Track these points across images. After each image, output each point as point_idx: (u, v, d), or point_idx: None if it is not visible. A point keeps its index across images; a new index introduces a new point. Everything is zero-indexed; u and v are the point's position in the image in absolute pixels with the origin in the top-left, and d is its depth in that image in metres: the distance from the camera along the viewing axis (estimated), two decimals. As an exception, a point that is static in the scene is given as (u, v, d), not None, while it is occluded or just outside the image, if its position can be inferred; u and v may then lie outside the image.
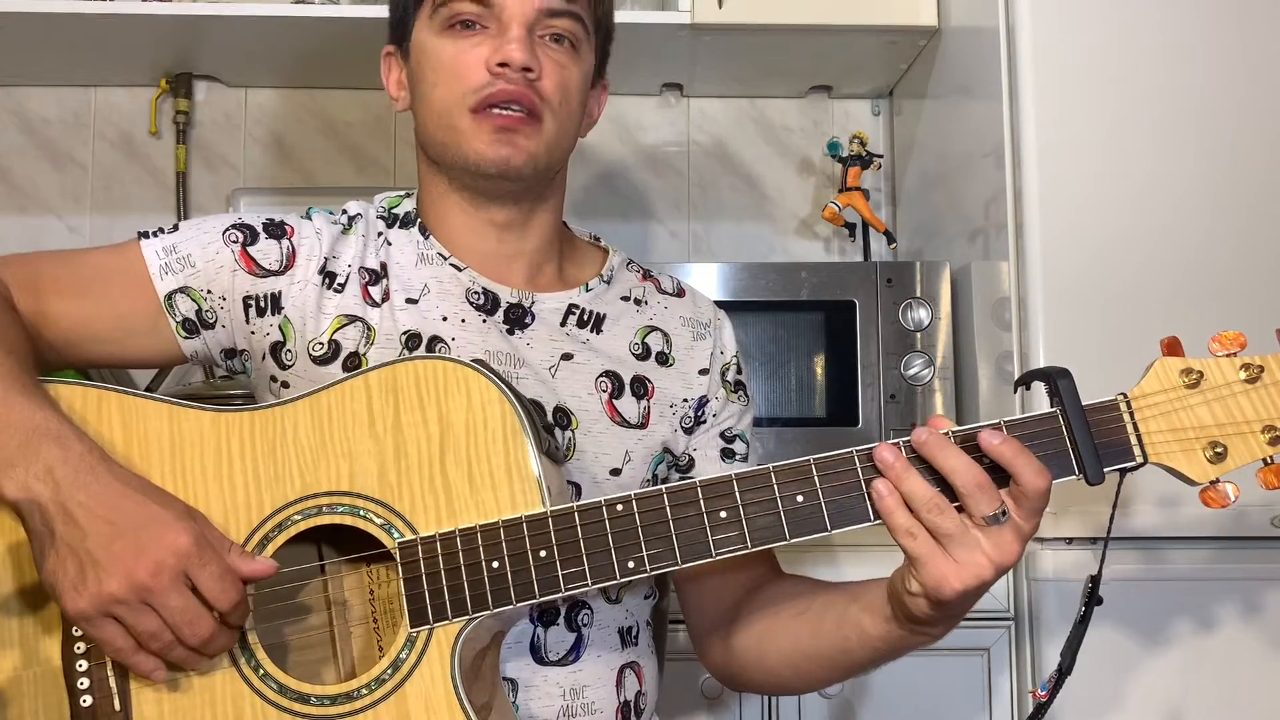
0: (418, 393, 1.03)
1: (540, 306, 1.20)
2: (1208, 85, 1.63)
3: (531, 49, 1.14)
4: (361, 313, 1.17)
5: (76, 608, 0.93)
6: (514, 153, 1.14)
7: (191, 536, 0.95)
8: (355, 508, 1.02)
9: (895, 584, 1.01)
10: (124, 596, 0.93)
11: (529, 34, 1.14)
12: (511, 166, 1.14)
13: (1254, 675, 1.56)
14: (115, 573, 0.92)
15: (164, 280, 1.15)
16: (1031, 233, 1.62)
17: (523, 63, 1.12)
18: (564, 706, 1.13)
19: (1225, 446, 0.96)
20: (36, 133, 2.24)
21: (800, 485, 0.99)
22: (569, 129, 1.18)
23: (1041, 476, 0.94)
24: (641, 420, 1.20)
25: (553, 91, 1.15)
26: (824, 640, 1.10)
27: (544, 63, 1.14)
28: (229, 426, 1.04)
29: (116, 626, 0.94)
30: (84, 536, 0.93)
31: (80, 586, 0.93)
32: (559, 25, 1.16)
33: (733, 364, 1.29)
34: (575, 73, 1.17)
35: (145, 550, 0.93)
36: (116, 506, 0.94)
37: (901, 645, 1.05)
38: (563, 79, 1.16)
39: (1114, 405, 0.98)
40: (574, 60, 1.17)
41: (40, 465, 0.94)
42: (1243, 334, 0.98)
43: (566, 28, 1.16)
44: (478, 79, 1.13)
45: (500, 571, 0.99)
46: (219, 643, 0.97)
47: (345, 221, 1.22)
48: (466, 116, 1.14)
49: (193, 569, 0.94)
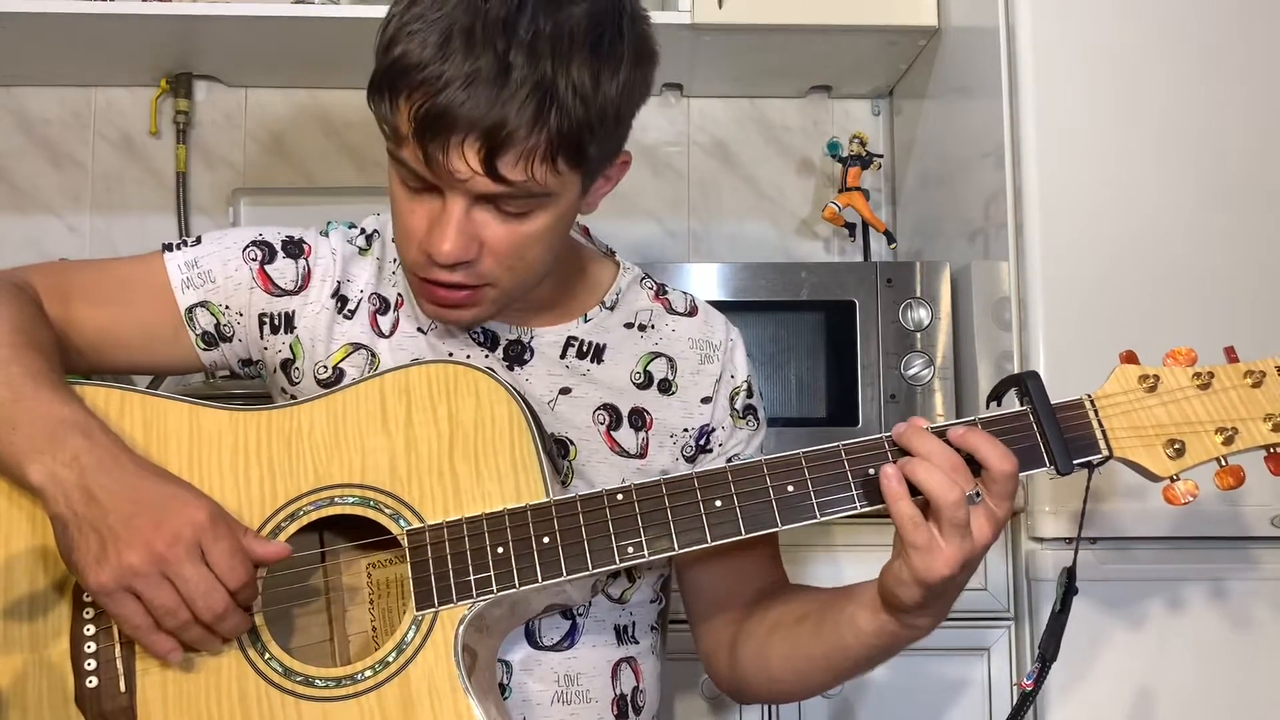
0: (429, 393, 1.07)
1: (539, 341, 1.21)
2: (1207, 85, 1.63)
3: (467, 235, 1.04)
4: (369, 341, 1.18)
5: (98, 581, 0.96)
6: (457, 320, 1.13)
7: (207, 512, 0.98)
8: (366, 498, 1.05)
9: (886, 578, 1.04)
10: (142, 568, 0.96)
11: (466, 214, 1.04)
12: (461, 327, 1.16)
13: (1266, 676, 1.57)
14: (134, 544, 0.96)
15: (185, 294, 1.18)
16: (1031, 233, 1.62)
17: (451, 259, 1.04)
18: (558, 692, 1.14)
19: (1183, 443, 1.03)
20: (36, 133, 2.25)
21: (790, 476, 1.04)
22: (532, 273, 1.11)
23: (1007, 461, 0.99)
24: (640, 451, 1.21)
25: (497, 264, 1.07)
26: (823, 641, 1.12)
27: (488, 238, 1.05)
28: (246, 424, 1.08)
29: (135, 603, 0.97)
30: (106, 514, 0.97)
31: (102, 560, 0.96)
32: (504, 205, 1.04)
33: (743, 388, 1.26)
34: (533, 228, 1.06)
35: (163, 523, 0.97)
36: (137, 487, 0.98)
37: (893, 640, 1.08)
38: (515, 244, 1.06)
39: (1080, 404, 1.05)
40: (530, 220, 1.06)
41: (67, 453, 0.98)
42: (1194, 350, 1.07)
43: (513, 205, 1.04)
44: (418, 256, 1.07)
45: (504, 556, 1.02)
46: (231, 622, 0.99)
47: (363, 242, 1.23)
48: (414, 276, 1.10)
49: (206, 543, 0.97)
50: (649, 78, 1.10)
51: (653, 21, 1.12)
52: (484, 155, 1.00)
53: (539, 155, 1.01)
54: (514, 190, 1.02)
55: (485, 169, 1.00)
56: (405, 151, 1.03)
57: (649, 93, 1.11)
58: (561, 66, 1.00)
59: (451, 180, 1.02)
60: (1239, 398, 1.04)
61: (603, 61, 1.02)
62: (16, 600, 1.04)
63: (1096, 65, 1.64)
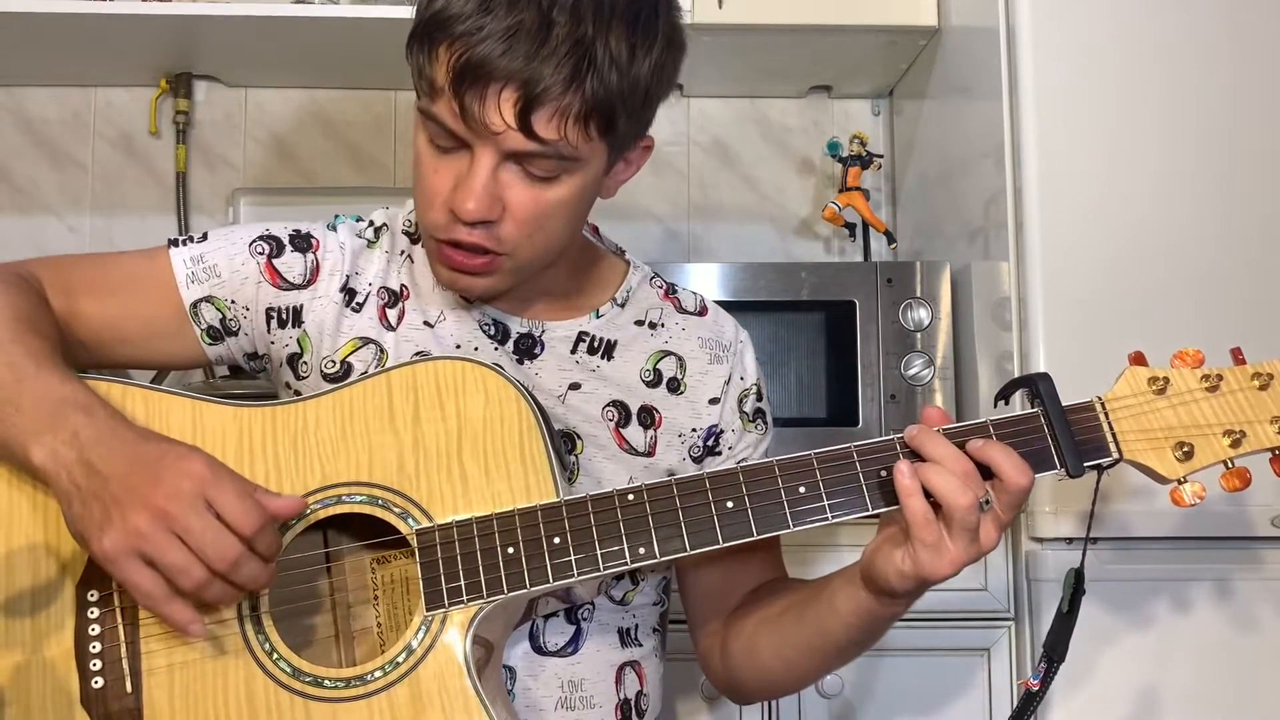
0: (437, 390, 1.06)
1: (550, 336, 1.21)
2: (1208, 84, 1.63)
3: (491, 194, 1.05)
4: (377, 335, 1.18)
5: (104, 549, 0.94)
6: (471, 287, 1.13)
7: (204, 461, 0.96)
8: (374, 497, 1.04)
9: (881, 563, 1.03)
10: (146, 528, 0.93)
11: (493, 173, 1.05)
12: (472, 296, 1.16)
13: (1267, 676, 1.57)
14: (136, 505, 0.94)
15: (190, 289, 1.17)
16: (1031, 233, 1.62)
17: (475, 216, 1.05)
18: (562, 698, 1.14)
19: (1192, 446, 1.04)
20: (36, 133, 2.24)
21: (802, 478, 1.03)
22: (549, 248, 1.12)
23: (1024, 475, 1.00)
24: (648, 449, 1.21)
25: (517, 230, 1.08)
26: (806, 626, 1.13)
27: (512, 201, 1.06)
28: (251, 420, 1.07)
29: (146, 569, 0.94)
30: (106, 482, 0.95)
31: (106, 526, 0.94)
32: (533, 164, 1.05)
33: (752, 391, 1.27)
34: (557, 196, 1.08)
35: (161, 479, 0.95)
36: (135, 452, 0.97)
37: (871, 618, 1.08)
38: (538, 210, 1.07)
39: (1090, 406, 1.05)
40: (556, 184, 1.07)
41: (67, 431, 0.97)
42: (1201, 351, 1.07)
43: (541, 167, 1.05)
44: (439, 216, 1.08)
45: (515, 556, 1.01)
46: (248, 569, 0.95)
47: (371, 235, 1.23)
48: (431, 240, 1.12)
49: (210, 491, 0.95)
50: (678, 65, 1.12)
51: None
52: (520, 109, 1.01)
53: (573, 116, 1.02)
54: (545, 150, 1.04)
55: (520, 123, 1.01)
56: (439, 105, 1.04)
57: (675, 80, 1.13)
58: (601, 33, 1.02)
59: (485, 133, 1.03)
60: (1246, 400, 1.04)
61: (639, 36, 1.04)
62: (18, 597, 1.02)
63: (1096, 65, 1.64)
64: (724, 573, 1.23)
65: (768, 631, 1.17)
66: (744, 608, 1.22)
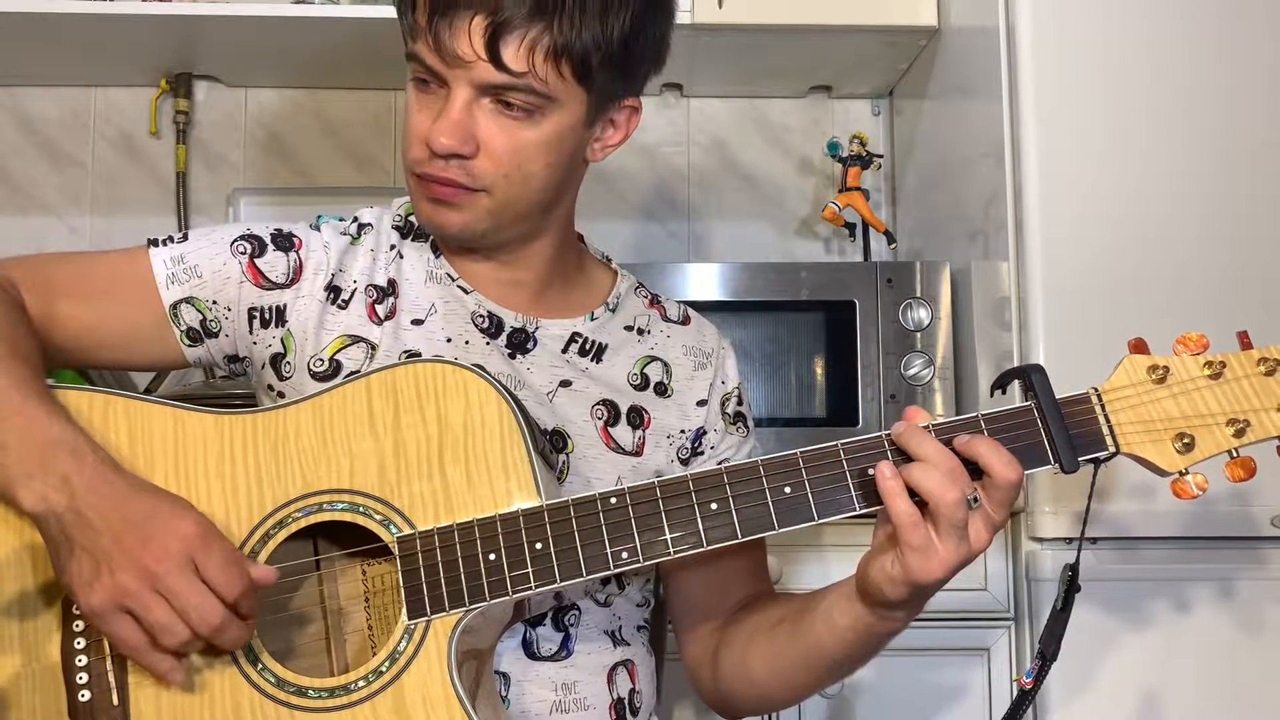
0: (417, 394, 1.05)
1: (543, 333, 1.21)
2: (1206, 84, 1.63)
3: (464, 127, 1.09)
4: (365, 332, 1.17)
5: (90, 604, 0.95)
6: (447, 221, 1.14)
7: (195, 524, 0.97)
8: (355, 504, 1.03)
9: (873, 572, 1.02)
10: (133, 586, 0.94)
11: (469, 107, 1.09)
12: (448, 233, 1.16)
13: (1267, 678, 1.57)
14: (124, 563, 0.95)
15: (170, 290, 1.16)
16: (1031, 233, 1.62)
17: (448, 149, 1.09)
18: (556, 701, 1.14)
19: (1193, 437, 0.99)
20: (36, 133, 2.24)
21: (788, 477, 1.01)
22: (525, 192, 1.13)
23: (1012, 469, 0.97)
24: (636, 449, 1.21)
25: (493, 167, 1.10)
26: (801, 640, 1.11)
27: (486, 136, 1.09)
28: (232, 428, 1.06)
29: (131, 623, 0.96)
30: (97, 536, 0.96)
31: (94, 582, 0.95)
32: (507, 97, 1.09)
33: (734, 395, 1.28)
34: (533, 136, 1.10)
35: (152, 538, 0.95)
36: (127, 506, 0.97)
37: (869, 633, 1.06)
38: (514, 147, 1.10)
39: (1086, 398, 1.02)
40: (531, 124, 1.10)
41: (56, 476, 0.97)
42: (1205, 335, 1.02)
43: (516, 100, 1.09)
44: (418, 151, 1.11)
45: (497, 563, 1.01)
46: (231, 633, 0.97)
47: (354, 231, 1.23)
48: (412, 177, 1.14)
49: (198, 555, 0.96)
50: (662, 26, 1.16)
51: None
52: (488, 38, 1.06)
53: (541, 49, 1.07)
54: (516, 83, 1.07)
55: (488, 52, 1.06)
56: (420, 44, 1.09)
57: (664, 44, 1.17)
58: None
59: (457, 63, 1.07)
60: (1251, 387, 1.00)
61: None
62: (5, 610, 1.02)
63: (1097, 65, 1.64)
64: (708, 578, 1.23)
65: (761, 644, 1.15)
66: (736, 620, 1.20)
